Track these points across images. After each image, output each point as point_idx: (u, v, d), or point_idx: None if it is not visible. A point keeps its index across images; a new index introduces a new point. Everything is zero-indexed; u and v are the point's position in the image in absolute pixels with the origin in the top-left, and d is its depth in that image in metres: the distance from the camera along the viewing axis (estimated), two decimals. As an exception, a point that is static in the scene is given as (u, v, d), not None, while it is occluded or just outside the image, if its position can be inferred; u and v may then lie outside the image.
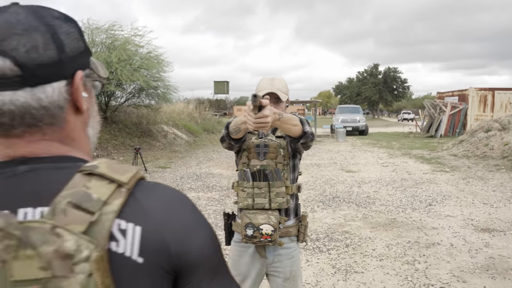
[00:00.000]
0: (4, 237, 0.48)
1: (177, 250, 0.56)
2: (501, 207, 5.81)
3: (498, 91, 18.74)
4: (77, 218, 0.51)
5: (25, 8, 0.58)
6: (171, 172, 9.41)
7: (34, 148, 0.59)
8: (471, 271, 3.62)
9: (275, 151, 1.79)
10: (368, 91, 55.99)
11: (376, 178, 8.43)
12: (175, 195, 0.62)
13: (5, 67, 0.54)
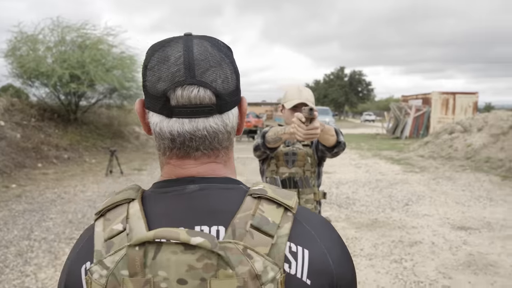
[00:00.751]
0: (204, 257, 0.51)
1: (338, 273, 0.60)
2: (472, 206, 6.18)
3: (459, 95, 19.76)
4: (262, 240, 0.55)
5: (206, 39, 0.63)
6: (148, 174, 9.27)
7: (203, 169, 0.64)
8: (454, 267, 3.85)
9: (303, 159, 1.86)
10: (335, 93, 57.32)
11: (352, 179, 8.69)
12: (324, 220, 0.67)
13: (205, 97, 0.59)
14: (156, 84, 0.60)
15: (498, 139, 11.50)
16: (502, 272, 3.73)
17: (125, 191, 0.63)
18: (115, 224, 0.57)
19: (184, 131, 0.60)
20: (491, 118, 13.24)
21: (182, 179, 0.63)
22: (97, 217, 0.60)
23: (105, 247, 0.56)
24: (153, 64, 0.61)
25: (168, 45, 0.62)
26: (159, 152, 0.66)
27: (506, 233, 4.84)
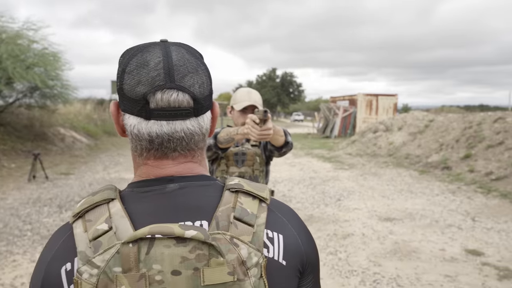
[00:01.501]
0: (196, 248, 0.56)
1: (307, 252, 0.68)
2: (395, 199, 6.73)
3: (381, 96, 21.28)
4: (245, 230, 0.60)
5: (183, 46, 0.68)
6: (76, 178, 8.74)
7: (180, 168, 0.68)
8: (383, 255, 4.17)
9: (252, 159, 1.92)
10: (267, 94, 58.46)
11: (287, 177, 8.98)
12: (290, 208, 0.74)
13: (184, 100, 0.63)
14: (136, 88, 0.62)
15: (416, 137, 12.60)
16: (423, 257, 4.13)
17: (103, 192, 0.64)
18: (99, 224, 0.58)
19: (163, 133, 0.63)
20: (409, 118, 14.47)
21: (161, 178, 0.66)
22: (74, 219, 0.61)
23: (92, 247, 0.56)
24: (132, 68, 0.63)
25: (147, 51, 0.64)
26: (135, 153, 0.68)
27: (426, 222, 5.35)
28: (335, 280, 3.59)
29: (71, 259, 0.58)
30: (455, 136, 10.78)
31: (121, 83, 0.64)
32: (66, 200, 6.55)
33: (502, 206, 6.13)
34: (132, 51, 0.66)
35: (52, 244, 0.63)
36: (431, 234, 4.84)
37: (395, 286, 3.45)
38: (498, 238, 4.70)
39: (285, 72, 61.73)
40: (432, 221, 5.38)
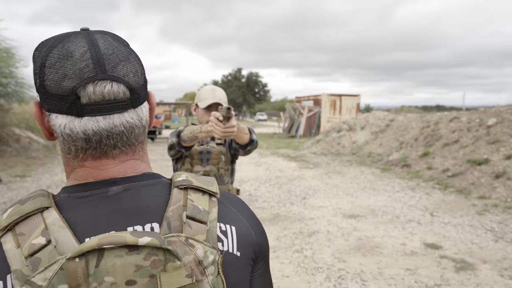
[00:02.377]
0: (151, 254, 0.52)
1: (259, 242, 0.68)
2: (359, 196, 6.89)
3: (344, 96, 21.77)
4: (199, 228, 0.58)
5: (108, 34, 0.62)
6: (33, 181, 8.34)
7: (122, 168, 0.62)
8: (347, 252, 4.26)
9: (217, 157, 1.89)
10: (233, 93, 58.40)
11: (253, 177, 8.99)
12: (240, 199, 0.74)
13: (119, 91, 0.58)
14: (61, 83, 0.55)
15: (377, 136, 12.99)
16: (385, 252, 4.25)
17: (34, 199, 0.56)
18: (34, 238, 0.51)
19: (100, 129, 0.57)
20: (371, 118, 14.89)
21: (102, 181, 0.60)
22: (2, 233, 0.53)
23: (30, 265, 0.50)
24: (53, 62, 0.56)
25: (68, 41, 0.58)
26: (68, 155, 0.61)
27: (387, 218, 5.51)
28: (301, 277, 3.62)
29: (3, 277, 0.51)
30: (414, 135, 11.20)
31: (42, 80, 0.57)
32: (21, 204, 6.22)
33: (458, 202, 6.43)
34: (49, 42, 0.59)
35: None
36: (392, 230, 4.99)
37: (359, 281, 3.53)
38: (455, 232, 4.92)
39: (251, 72, 61.96)
40: (393, 217, 5.55)
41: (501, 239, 4.63)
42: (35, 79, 0.59)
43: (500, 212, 5.69)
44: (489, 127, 8.88)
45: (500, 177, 6.92)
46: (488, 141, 8.39)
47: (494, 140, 8.27)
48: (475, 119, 9.70)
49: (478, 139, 8.74)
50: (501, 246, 4.41)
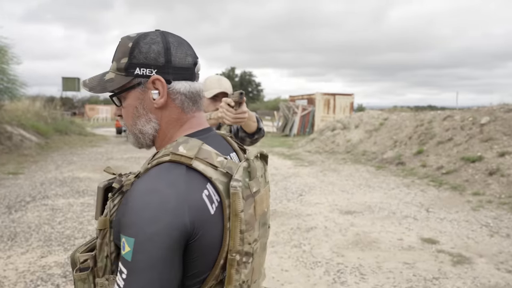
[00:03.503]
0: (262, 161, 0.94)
1: None
2: (355, 193, 6.92)
3: (338, 96, 21.86)
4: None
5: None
6: (26, 178, 8.24)
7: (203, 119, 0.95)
8: (345, 246, 4.27)
9: None
10: (226, 93, 58.42)
11: (249, 174, 8.98)
12: None
13: (198, 67, 0.90)
14: (186, 59, 0.86)
15: (372, 134, 13.06)
16: (383, 247, 4.27)
17: (193, 142, 0.82)
18: (217, 158, 0.81)
19: (200, 90, 0.90)
20: (365, 117, 14.96)
21: (204, 129, 0.91)
22: (191, 161, 0.78)
23: (225, 170, 0.80)
24: (175, 46, 0.85)
25: (169, 35, 0.87)
26: (182, 111, 0.87)
27: (384, 214, 5.54)
28: (300, 271, 3.62)
29: (205, 186, 0.78)
30: (408, 133, 11.28)
31: (169, 58, 0.83)
32: (15, 201, 6.15)
33: (453, 198, 6.49)
34: (152, 34, 0.86)
35: (176, 183, 0.75)
36: (389, 225, 5.02)
37: (358, 275, 3.54)
38: (451, 227, 4.96)
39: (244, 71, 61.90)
40: (389, 213, 5.58)
41: (496, 234, 4.68)
42: (162, 57, 0.83)
43: (495, 208, 5.75)
44: (482, 126, 8.97)
45: (494, 174, 7.00)
46: (482, 139, 8.47)
47: (488, 138, 8.36)
48: (469, 118, 9.79)
49: (472, 137, 8.83)
50: (496, 240, 4.46)
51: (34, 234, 4.56)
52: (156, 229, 0.70)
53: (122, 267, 0.72)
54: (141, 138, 0.90)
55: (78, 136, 18.72)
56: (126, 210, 0.75)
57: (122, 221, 0.75)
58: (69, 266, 3.64)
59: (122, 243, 0.73)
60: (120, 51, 0.86)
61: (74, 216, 5.36)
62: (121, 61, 0.85)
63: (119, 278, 0.73)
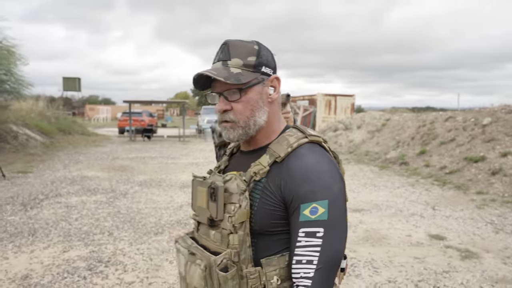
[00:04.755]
0: None
1: None
2: (361, 192, 7.07)
3: (339, 97, 22.02)
4: None
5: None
6: (36, 177, 8.36)
7: None
8: (356, 242, 4.41)
9: None
10: (226, 93, 58.47)
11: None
12: None
13: None
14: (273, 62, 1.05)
15: (374, 135, 13.21)
16: (392, 242, 4.41)
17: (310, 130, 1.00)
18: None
19: None
20: (367, 117, 15.11)
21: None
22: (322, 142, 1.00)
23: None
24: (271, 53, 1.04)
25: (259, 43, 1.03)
26: (279, 108, 1.05)
27: (391, 212, 5.69)
28: (315, 265, 3.76)
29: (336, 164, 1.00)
30: (410, 134, 11.43)
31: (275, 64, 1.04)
32: (29, 198, 6.27)
33: (457, 197, 6.64)
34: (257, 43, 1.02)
35: (328, 156, 0.97)
36: (397, 222, 5.17)
37: (371, 269, 3.69)
38: (457, 224, 5.11)
39: (244, 72, 61.99)
40: (396, 211, 5.73)
41: (501, 230, 4.83)
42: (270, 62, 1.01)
43: (499, 206, 5.90)
44: (484, 126, 9.13)
45: (496, 174, 7.15)
46: (484, 140, 8.63)
47: (490, 138, 8.52)
48: (470, 119, 9.95)
49: (474, 137, 8.99)
50: (502, 237, 4.61)
51: (53, 230, 4.69)
52: (338, 189, 0.91)
53: (314, 229, 0.87)
54: (251, 129, 0.99)
55: (81, 136, 18.82)
56: (307, 181, 0.89)
57: (302, 191, 0.89)
58: (94, 259, 3.78)
59: (311, 209, 0.88)
60: (245, 51, 0.98)
61: (89, 213, 5.49)
62: (248, 59, 0.97)
63: (311, 240, 0.87)
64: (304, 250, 0.88)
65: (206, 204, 0.99)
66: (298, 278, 0.89)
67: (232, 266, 0.91)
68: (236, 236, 0.92)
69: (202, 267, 0.93)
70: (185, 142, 18.05)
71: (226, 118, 1.00)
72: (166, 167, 10.05)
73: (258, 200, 0.94)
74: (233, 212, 0.92)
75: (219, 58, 1.00)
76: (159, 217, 5.33)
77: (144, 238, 4.48)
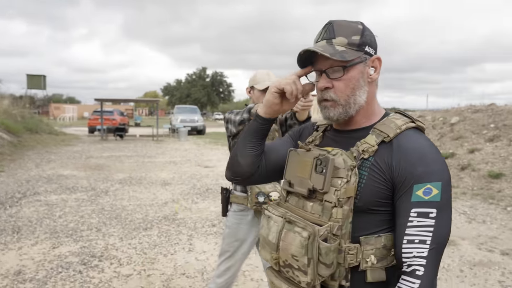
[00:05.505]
0: None
1: None
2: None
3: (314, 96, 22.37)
4: None
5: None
6: (9, 176, 8.08)
7: None
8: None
9: (272, 134, 2.12)
10: (198, 93, 58.02)
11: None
12: None
13: None
14: None
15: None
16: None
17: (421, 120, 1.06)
18: None
19: None
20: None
21: None
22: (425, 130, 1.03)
23: None
24: None
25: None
26: (377, 89, 1.07)
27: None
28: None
29: None
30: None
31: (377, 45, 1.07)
32: (6, 197, 6.08)
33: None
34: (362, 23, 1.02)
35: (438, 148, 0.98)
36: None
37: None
38: (433, 215, 5.41)
39: (215, 71, 61.76)
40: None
41: (473, 220, 5.17)
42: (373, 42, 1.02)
43: (469, 199, 6.29)
44: (452, 125, 9.64)
45: (465, 169, 7.59)
46: (453, 137, 9.12)
47: (458, 136, 9.01)
48: (439, 118, 10.47)
49: (443, 135, 9.47)
50: (475, 226, 4.93)
51: (38, 227, 4.60)
52: (449, 173, 0.92)
53: (427, 209, 0.89)
54: (351, 108, 0.99)
55: (49, 135, 18.23)
56: (421, 162, 0.91)
57: (416, 171, 0.90)
58: (86, 254, 3.76)
59: (425, 189, 0.89)
60: (349, 30, 0.98)
61: (73, 210, 5.40)
62: (352, 38, 0.97)
63: (423, 220, 0.89)
64: (416, 230, 0.89)
65: (308, 175, 0.98)
66: (410, 258, 0.90)
67: (332, 239, 0.91)
68: (340, 210, 0.92)
69: (304, 235, 0.90)
70: (159, 141, 17.85)
71: (327, 97, 1.00)
72: (143, 166, 9.95)
73: (366, 177, 0.94)
74: (340, 186, 0.92)
75: (323, 37, 1.00)
76: (145, 214, 5.32)
77: (134, 233, 4.48)
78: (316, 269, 0.90)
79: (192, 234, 4.48)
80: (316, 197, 0.98)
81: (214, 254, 3.86)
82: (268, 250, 1.02)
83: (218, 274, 2.17)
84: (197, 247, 4.07)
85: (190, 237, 4.39)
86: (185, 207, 5.74)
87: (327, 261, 0.90)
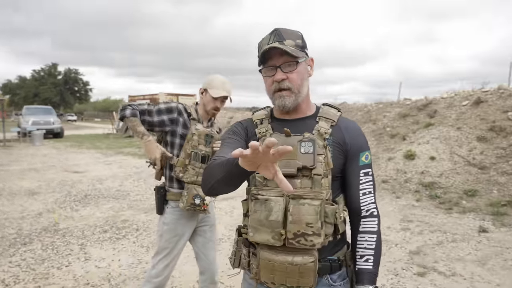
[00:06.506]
0: None
1: None
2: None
3: (181, 96, 22.36)
4: None
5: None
6: None
7: None
8: (236, 225, 4.87)
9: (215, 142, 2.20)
10: (48, 91, 51.60)
11: (110, 174, 8.69)
12: None
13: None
14: None
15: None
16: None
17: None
18: None
19: None
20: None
21: None
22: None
23: None
24: None
25: None
26: None
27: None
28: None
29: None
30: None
31: None
32: None
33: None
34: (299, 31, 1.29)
35: None
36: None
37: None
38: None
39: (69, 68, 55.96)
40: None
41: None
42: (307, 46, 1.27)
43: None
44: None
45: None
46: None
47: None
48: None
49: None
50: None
51: None
52: None
53: (368, 169, 1.26)
54: (300, 97, 1.23)
55: None
56: (360, 136, 1.28)
57: (359, 143, 1.26)
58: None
59: (365, 156, 1.26)
60: (294, 35, 1.21)
61: None
62: (296, 41, 1.21)
63: (367, 178, 1.25)
64: (366, 185, 1.25)
65: (295, 156, 1.16)
66: (367, 204, 1.25)
67: (328, 202, 1.16)
68: (326, 180, 1.17)
69: (316, 203, 1.11)
70: (8, 147, 15.44)
71: (284, 86, 1.20)
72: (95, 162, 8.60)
73: (332, 151, 1.22)
74: (323, 161, 1.17)
75: (274, 40, 1.19)
76: (18, 227, 4.70)
77: (11, 250, 3.94)
78: (325, 229, 1.12)
79: (83, 243, 4.17)
80: (302, 174, 1.16)
81: (115, 260, 3.70)
82: (269, 230, 1.12)
83: (156, 273, 2.17)
84: (94, 255, 3.82)
85: (82, 246, 4.09)
86: (65, 216, 5.24)
87: (331, 220, 1.15)
